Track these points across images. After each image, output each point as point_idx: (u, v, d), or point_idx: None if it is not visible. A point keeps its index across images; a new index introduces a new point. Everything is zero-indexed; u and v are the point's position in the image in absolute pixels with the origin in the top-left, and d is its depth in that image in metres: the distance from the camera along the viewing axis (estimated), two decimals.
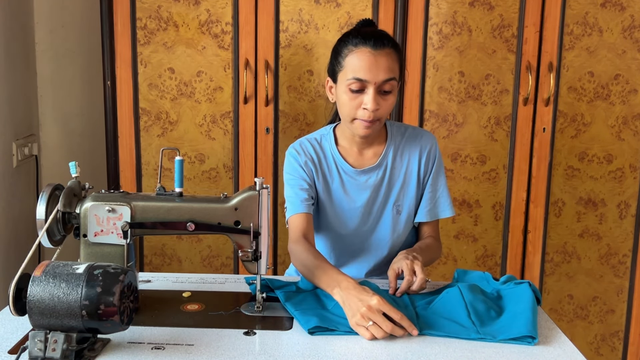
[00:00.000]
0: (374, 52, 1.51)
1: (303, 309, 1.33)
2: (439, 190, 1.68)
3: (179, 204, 1.33)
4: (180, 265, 2.39)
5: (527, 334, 1.22)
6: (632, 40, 2.26)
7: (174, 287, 1.50)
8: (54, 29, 2.61)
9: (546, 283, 2.40)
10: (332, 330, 1.25)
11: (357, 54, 1.52)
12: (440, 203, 1.68)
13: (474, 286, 1.40)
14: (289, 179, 1.65)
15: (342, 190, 1.65)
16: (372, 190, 1.64)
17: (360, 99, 1.53)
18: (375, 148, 1.66)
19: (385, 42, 1.53)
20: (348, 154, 1.66)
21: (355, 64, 1.51)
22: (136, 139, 2.31)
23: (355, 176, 1.64)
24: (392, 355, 1.18)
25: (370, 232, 1.68)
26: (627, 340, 2.44)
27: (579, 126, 2.31)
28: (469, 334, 1.24)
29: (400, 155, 1.66)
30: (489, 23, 2.24)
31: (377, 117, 1.54)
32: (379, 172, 1.65)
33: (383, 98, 1.53)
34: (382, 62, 1.51)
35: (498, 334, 1.24)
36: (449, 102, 2.28)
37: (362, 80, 1.51)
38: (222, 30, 2.24)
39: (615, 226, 2.37)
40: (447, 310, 1.32)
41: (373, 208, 1.66)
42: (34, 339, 1.10)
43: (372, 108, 1.51)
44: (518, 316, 1.28)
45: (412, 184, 1.66)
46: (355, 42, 1.53)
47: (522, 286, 1.39)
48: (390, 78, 1.52)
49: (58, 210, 1.30)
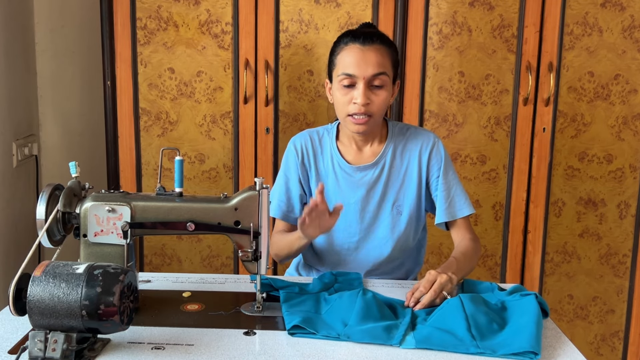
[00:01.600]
0: (362, 47, 1.55)
1: (294, 310, 1.32)
2: (452, 188, 1.66)
3: (179, 204, 1.33)
4: (180, 265, 2.39)
5: (529, 350, 1.17)
6: (632, 40, 2.26)
7: (174, 287, 1.50)
8: (54, 29, 2.61)
9: (546, 283, 2.40)
10: (311, 332, 1.24)
11: (346, 51, 1.57)
12: (455, 202, 1.65)
13: (476, 297, 1.35)
14: (282, 173, 1.72)
15: (336, 185, 1.66)
16: (367, 187, 1.65)
17: (351, 94, 1.55)
18: (374, 146, 1.67)
19: (374, 38, 1.56)
20: (347, 150, 1.68)
21: (345, 60, 1.56)
22: (136, 139, 2.31)
23: (351, 172, 1.65)
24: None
25: (367, 230, 1.67)
26: (627, 340, 2.44)
27: (579, 126, 2.31)
28: (467, 349, 1.19)
29: (400, 154, 1.66)
30: (489, 23, 2.24)
31: (369, 112, 1.55)
32: (376, 170, 1.65)
33: (374, 93, 1.55)
34: (371, 57, 1.54)
35: (499, 348, 1.19)
36: (449, 102, 2.28)
37: (351, 75, 1.54)
38: (222, 30, 2.24)
39: (615, 226, 2.37)
40: (446, 323, 1.27)
41: (368, 206, 1.66)
42: (34, 339, 1.10)
43: (361, 102, 1.53)
44: (521, 330, 1.23)
45: (412, 184, 1.65)
46: (346, 40, 1.58)
47: (528, 298, 1.34)
48: (380, 72, 1.54)
49: (58, 210, 1.30)
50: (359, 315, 1.28)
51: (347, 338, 1.23)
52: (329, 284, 1.48)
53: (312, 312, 1.33)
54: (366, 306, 1.30)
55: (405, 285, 1.57)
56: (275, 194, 1.70)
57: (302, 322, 1.25)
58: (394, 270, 1.70)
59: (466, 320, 1.26)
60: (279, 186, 1.71)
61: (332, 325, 1.27)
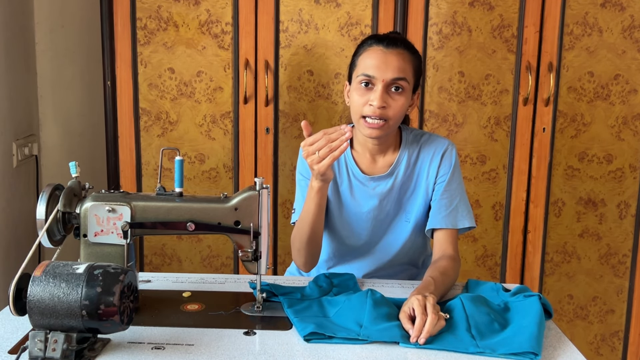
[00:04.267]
0: (385, 50, 1.52)
1: (303, 316, 1.31)
2: (456, 198, 1.59)
3: (179, 204, 1.33)
4: (180, 265, 2.39)
5: (529, 350, 1.17)
6: (632, 40, 2.26)
7: (174, 287, 1.50)
8: (54, 29, 2.61)
9: (546, 283, 2.41)
10: (329, 337, 1.23)
11: (369, 52, 1.54)
12: (458, 211, 1.58)
13: (478, 297, 1.34)
14: (300, 179, 1.66)
15: (350, 194, 1.63)
16: (380, 198, 1.61)
17: (368, 96, 1.51)
18: (388, 156, 1.62)
19: (398, 43, 1.53)
20: (361, 159, 1.63)
21: (366, 61, 1.53)
22: (136, 139, 2.31)
23: (365, 182, 1.61)
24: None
25: (378, 238, 1.65)
26: (627, 340, 2.44)
27: (578, 126, 2.31)
28: (466, 348, 1.19)
29: (414, 163, 1.62)
30: (489, 23, 2.24)
31: (385, 116, 1.50)
32: (389, 181, 1.61)
33: (392, 97, 1.51)
34: (392, 60, 1.50)
35: (498, 347, 1.19)
36: (449, 102, 2.28)
37: (370, 76, 1.50)
38: (222, 30, 2.24)
39: (615, 226, 2.37)
40: (446, 323, 1.26)
41: (381, 215, 1.62)
42: (34, 339, 1.10)
43: (378, 104, 1.48)
44: (522, 330, 1.23)
45: (421, 190, 1.61)
46: (370, 42, 1.56)
47: (531, 299, 1.33)
48: (400, 77, 1.50)
49: (58, 210, 1.30)
50: (372, 315, 1.28)
51: (366, 338, 1.22)
52: (326, 288, 1.47)
53: (321, 317, 1.32)
54: (378, 306, 1.30)
55: (404, 285, 1.57)
56: (299, 199, 1.64)
57: (318, 328, 1.24)
58: (397, 274, 1.70)
59: (466, 321, 1.26)
60: (301, 189, 1.64)
61: (346, 327, 1.26)
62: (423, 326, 1.22)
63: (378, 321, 1.26)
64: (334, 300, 1.38)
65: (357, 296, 1.36)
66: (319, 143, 1.39)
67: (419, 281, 1.48)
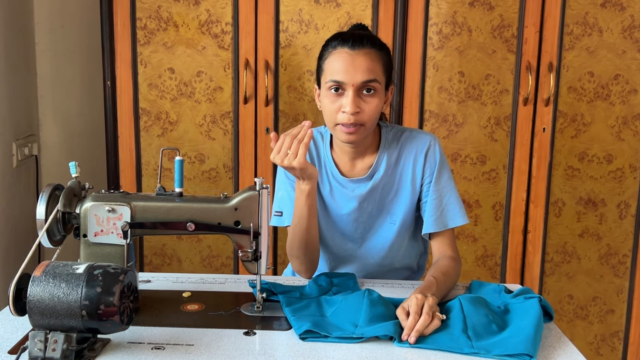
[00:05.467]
0: (351, 52, 1.45)
1: (300, 314, 1.31)
2: (445, 196, 1.55)
3: (179, 204, 1.33)
4: (180, 265, 2.39)
5: (523, 352, 1.16)
6: (632, 40, 2.26)
7: (174, 287, 1.50)
8: (54, 29, 2.61)
9: (546, 283, 2.41)
10: (324, 336, 1.22)
11: (334, 56, 1.47)
12: (448, 210, 1.55)
13: (477, 299, 1.34)
14: (284, 180, 1.61)
15: (330, 195, 1.60)
16: (359, 200, 1.57)
17: (339, 102, 1.45)
18: (367, 158, 1.57)
19: (364, 41, 1.46)
20: (340, 161, 1.59)
21: (333, 65, 1.47)
22: (136, 139, 2.31)
23: (345, 184, 1.58)
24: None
25: (362, 239, 1.62)
26: (627, 340, 2.44)
27: (579, 126, 2.31)
28: (461, 349, 1.19)
29: (394, 163, 1.57)
30: (489, 23, 2.24)
31: (360, 121, 1.45)
32: (368, 183, 1.56)
33: (364, 101, 1.45)
34: (360, 62, 1.44)
35: (493, 348, 1.18)
36: (449, 102, 2.28)
37: (338, 82, 1.45)
38: (222, 30, 2.24)
39: (615, 226, 2.37)
40: (443, 323, 1.26)
41: (362, 217, 1.59)
42: (34, 339, 1.10)
43: (350, 111, 1.43)
44: (519, 332, 1.22)
45: (405, 191, 1.57)
46: (334, 44, 1.49)
47: (531, 301, 1.33)
48: (370, 79, 1.44)
49: (58, 210, 1.30)
50: (368, 315, 1.27)
51: (360, 335, 1.22)
52: (326, 288, 1.47)
53: (318, 316, 1.32)
54: (374, 306, 1.30)
55: (405, 285, 1.56)
56: (286, 204, 1.59)
57: (313, 327, 1.24)
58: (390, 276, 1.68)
59: (463, 322, 1.26)
60: (288, 195, 1.59)
61: (341, 327, 1.27)
62: (415, 325, 1.22)
63: (374, 321, 1.26)
64: (331, 300, 1.38)
65: (354, 296, 1.36)
66: (286, 143, 1.39)
67: (419, 281, 1.47)
